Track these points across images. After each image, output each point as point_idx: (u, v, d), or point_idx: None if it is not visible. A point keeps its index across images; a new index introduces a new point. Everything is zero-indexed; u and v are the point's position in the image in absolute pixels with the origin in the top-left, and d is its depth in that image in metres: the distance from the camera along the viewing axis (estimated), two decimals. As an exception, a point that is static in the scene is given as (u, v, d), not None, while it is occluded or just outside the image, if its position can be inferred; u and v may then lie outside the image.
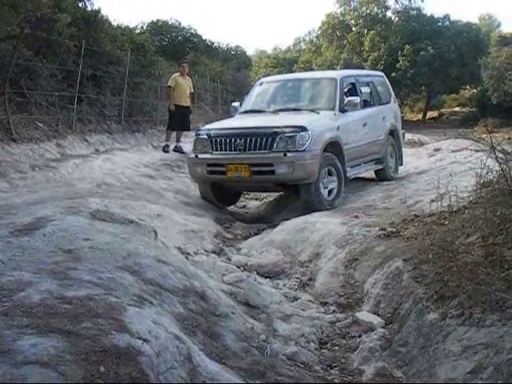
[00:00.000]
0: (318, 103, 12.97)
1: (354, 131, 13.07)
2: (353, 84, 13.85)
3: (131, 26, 28.71)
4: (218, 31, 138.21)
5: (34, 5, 15.26)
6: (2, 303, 3.99)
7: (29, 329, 3.67)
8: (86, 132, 17.02)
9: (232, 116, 14.11)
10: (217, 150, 11.64)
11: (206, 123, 15.05)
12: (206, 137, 11.88)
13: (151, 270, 5.38)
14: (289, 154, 10.94)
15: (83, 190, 10.09)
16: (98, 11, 20.25)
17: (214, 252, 8.97)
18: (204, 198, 12.68)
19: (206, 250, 8.87)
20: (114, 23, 23.85)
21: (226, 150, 11.53)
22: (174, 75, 18.39)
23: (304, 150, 11.00)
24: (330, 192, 11.80)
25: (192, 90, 18.67)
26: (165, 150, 18.24)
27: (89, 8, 20.42)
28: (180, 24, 49.65)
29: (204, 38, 50.93)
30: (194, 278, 5.86)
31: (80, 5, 20.39)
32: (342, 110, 12.62)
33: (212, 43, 52.29)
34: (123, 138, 19.03)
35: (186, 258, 7.65)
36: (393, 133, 15.23)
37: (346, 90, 13.34)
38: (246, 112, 13.65)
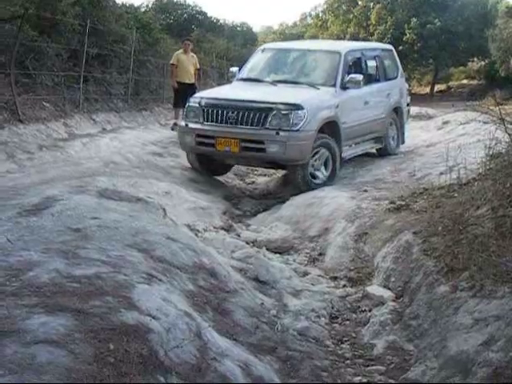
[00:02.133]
0: (319, 78, 12.42)
1: (354, 109, 12.62)
2: (358, 58, 13.39)
3: (136, 5, 28.63)
4: (223, 8, 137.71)
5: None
6: (11, 283, 3.99)
7: (38, 308, 3.67)
8: (93, 111, 17.01)
9: (230, 82, 13.72)
10: (207, 121, 11.23)
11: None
12: (197, 105, 11.48)
13: (160, 247, 5.37)
14: (281, 133, 10.57)
15: (91, 169, 10.09)
16: (103, -10, 20.18)
17: (223, 228, 8.94)
18: (192, 167, 12.37)
19: (215, 227, 8.84)
20: (119, 2, 23.79)
21: (216, 122, 11.10)
22: (176, 52, 18.22)
23: (298, 130, 10.64)
24: (322, 174, 11.45)
25: (198, 67, 18.41)
26: (173, 128, 18.18)
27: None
28: (185, 1, 49.69)
29: (209, 15, 51.03)
30: (204, 254, 5.85)
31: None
32: (344, 87, 12.11)
33: (217, 20, 52.34)
34: (130, 117, 19.00)
35: (196, 234, 7.62)
36: (396, 110, 14.83)
37: (350, 63, 12.86)
38: (243, 79, 13.15)
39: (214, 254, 6.46)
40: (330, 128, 11.58)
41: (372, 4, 58.13)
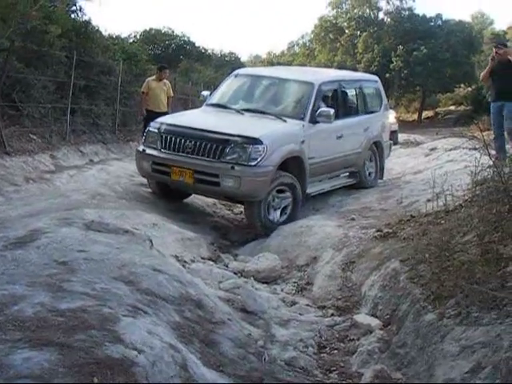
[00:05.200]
0: (288, 109, 11.93)
1: (324, 144, 12.04)
2: (335, 90, 12.85)
3: (123, 36, 28.68)
4: (211, 38, 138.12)
5: (23, 17, 15.22)
6: (-6, 318, 3.97)
7: (21, 343, 3.64)
8: (80, 143, 16.95)
9: (200, 106, 13.33)
10: (165, 148, 10.81)
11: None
12: (156, 131, 11.11)
13: (146, 279, 5.35)
14: (237, 168, 10.08)
15: (78, 201, 10.03)
16: (89, 22, 20.31)
17: (210, 259, 8.93)
18: (152, 191, 12.02)
19: (202, 258, 8.82)
20: (105, 33, 23.83)
21: (173, 150, 10.70)
22: (147, 79, 17.39)
23: (255, 165, 10.13)
24: (280, 214, 10.94)
25: (171, 94, 17.55)
26: None
27: (79, 19, 20.44)
28: (173, 32, 49.98)
29: (197, 45, 51.25)
30: (190, 285, 5.83)
31: (72, 16, 20.45)
32: (313, 121, 11.51)
33: (205, 50, 52.56)
34: (118, 148, 18.95)
35: (183, 266, 7.60)
36: (376, 144, 14.34)
37: (327, 95, 12.48)
38: (212, 105, 12.60)
39: (201, 285, 6.45)
40: (295, 163, 11.15)
41: (358, 32, 58.79)
